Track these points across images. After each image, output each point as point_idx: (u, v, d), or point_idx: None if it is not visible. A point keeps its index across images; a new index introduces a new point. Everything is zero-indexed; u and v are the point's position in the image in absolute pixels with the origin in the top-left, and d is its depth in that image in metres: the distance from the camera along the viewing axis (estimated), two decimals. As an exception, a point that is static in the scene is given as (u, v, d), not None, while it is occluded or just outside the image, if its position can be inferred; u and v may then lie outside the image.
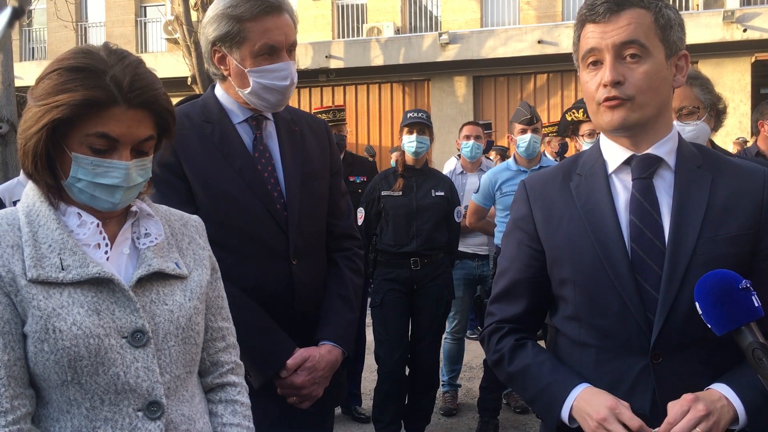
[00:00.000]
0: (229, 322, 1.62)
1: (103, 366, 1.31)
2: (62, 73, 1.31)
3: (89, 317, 1.31)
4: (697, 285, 1.39)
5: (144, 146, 1.38)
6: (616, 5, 1.49)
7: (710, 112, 2.56)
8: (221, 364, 1.58)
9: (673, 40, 1.52)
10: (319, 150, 2.23)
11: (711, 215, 1.49)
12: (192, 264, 1.52)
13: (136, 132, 1.35)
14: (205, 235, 1.62)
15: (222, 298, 1.61)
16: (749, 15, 13.66)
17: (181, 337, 1.42)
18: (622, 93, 1.49)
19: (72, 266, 1.32)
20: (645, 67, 1.48)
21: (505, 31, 14.99)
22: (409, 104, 16.02)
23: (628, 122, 1.50)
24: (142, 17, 17.95)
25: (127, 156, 1.35)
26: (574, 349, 1.62)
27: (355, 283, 2.26)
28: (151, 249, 1.43)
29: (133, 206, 1.45)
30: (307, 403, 2.09)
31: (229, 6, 1.98)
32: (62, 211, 1.39)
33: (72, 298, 1.31)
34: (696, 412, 1.38)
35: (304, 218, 2.11)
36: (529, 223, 1.66)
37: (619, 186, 1.58)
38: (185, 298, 1.45)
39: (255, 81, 2.02)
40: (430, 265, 4.34)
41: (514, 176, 4.63)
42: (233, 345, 1.62)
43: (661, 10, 1.51)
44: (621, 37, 1.48)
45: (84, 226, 1.38)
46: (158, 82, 1.40)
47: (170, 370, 1.40)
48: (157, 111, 1.38)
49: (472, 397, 5.30)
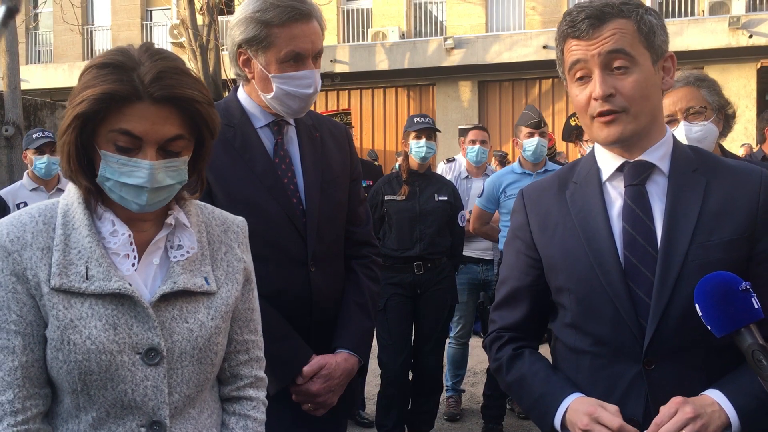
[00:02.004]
0: (256, 335, 1.59)
1: (112, 382, 1.31)
2: (92, 70, 1.31)
3: (105, 332, 1.31)
4: (696, 287, 1.38)
5: (172, 146, 1.33)
6: (598, 19, 1.48)
7: (718, 114, 2.55)
8: (241, 377, 1.56)
9: (658, 45, 1.52)
10: (339, 156, 2.23)
11: (704, 220, 1.49)
12: (223, 278, 1.48)
13: (161, 130, 1.30)
14: (246, 240, 1.58)
15: (252, 311, 1.57)
16: (755, 21, 13.65)
17: (197, 358, 1.40)
18: (616, 105, 1.48)
19: (96, 277, 1.31)
20: (634, 76, 1.48)
21: (510, 36, 15.00)
22: (414, 109, 16.03)
23: (624, 135, 1.50)
24: (148, 21, 18.01)
25: (153, 155, 1.31)
26: (570, 356, 1.62)
27: (372, 290, 2.25)
28: (180, 263, 1.41)
29: (170, 217, 1.42)
30: (322, 410, 2.08)
31: (258, 10, 1.97)
32: (98, 215, 1.37)
33: (92, 310, 1.31)
34: (683, 414, 1.38)
35: (323, 225, 2.10)
36: (525, 231, 1.67)
37: (613, 193, 1.58)
38: (208, 317, 1.42)
39: (278, 87, 2.01)
40: (434, 269, 4.34)
41: (519, 179, 4.61)
42: (257, 358, 1.59)
43: (642, 17, 1.49)
44: (606, 48, 1.47)
45: (116, 235, 1.36)
46: (191, 80, 1.35)
47: (180, 390, 1.39)
48: (186, 108, 1.32)
49: (476, 402, 5.29)
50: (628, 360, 1.50)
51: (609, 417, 1.43)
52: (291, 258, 2.06)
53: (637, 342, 1.49)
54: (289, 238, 2.06)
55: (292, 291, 2.06)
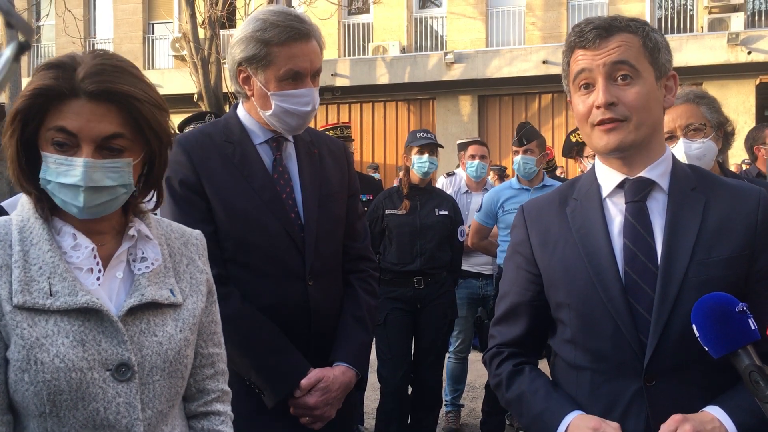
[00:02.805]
0: (220, 347, 1.56)
1: (83, 401, 1.26)
2: (38, 71, 1.28)
3: (73, 349, 1.25)
4: (694, 308, 1.39)
5: (112, 143, 1.28)
6: (605, 31, 1.51)
7: (717, 131, 2.56)
8: (208, 392, 1.52)
9: (662, 62, 1.55)
10: (337, 172, 2.26)
11: (703, 238, 1.50)
12: (188, 290, 1.45)
13: (97, 127, 1.25)
14: (206, 254, 1.56)
15: (216, 323, 1.54)
16: (754, 37, 13.71)
17: (168, 371, 1.36)
18: (618, 114, 1.50)
19: (61, 293, 1.26)
20: (637, 87, 1.50)
21: (510, 51, 15.06)
22: (414, 123, 16.07)
23: (624, 144, 1.52)
24: (149, 34, 18.08)
25: (89, 153, 1.26)
26: (570, 372, 1.63)
27: (370, 304, 2.27)
28: (145, 275, 1.37)
29: (132, 229, 1.39)
30: (320, 423, 2.09)
31: (258, 30, 2.01)
32: (57, 229, 1.33)
33: (58, 327, 1.26)
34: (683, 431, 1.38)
35: (321, 239, 2.13)
36: (526, 247, 1.68)
37: (613, 210, 1.59)
38: (176, 329, 1.39)
39: (277, 104, 2.05)
40: (434, 284, 4.34)
41: (517, 195, 4.66)
42: (222, 372, 1.56)
43: (648, 34, 1.53)
44: (612, 58, 1.50)
45: (78, 249, 1.32)
46: (134, 79, 1.31)
47: (153, 405, 1.34)
48: (125, 106, 1.27)
49: (475, 417, 5.27)
50: (629, 376, 1.51)
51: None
52: (289, 272, 2.08)
53: (637, 358, 1.49)
54: (287, 252, 2.08)
55: (290, 305, 2.08)
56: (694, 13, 15.09)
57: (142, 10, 17.80)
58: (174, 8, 17.23)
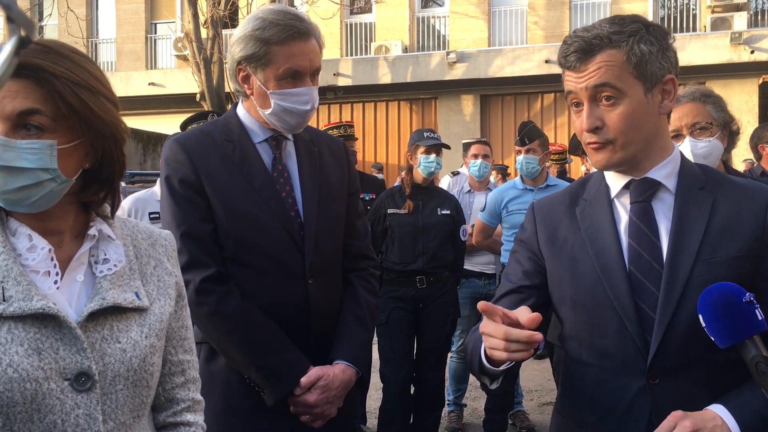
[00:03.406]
0: (191, 354, 1.47)
1: (39, 413, 1.18)
2: None
3: (28, 358, 1.17)
4: (700, 297, 1.39)
5: (29, 120, 1.18)
6: (584, 53, 1.50)
7: (723, 130, 2.56)
8: (177, 401, 1.44)
9: (652, 72, 1.50)
10: (337, 171, 2.26)
11: (709, 237, 1.49)
12: (155, 293, 1.37)
13: (12, 103, 1.17)
14: (176, 255, 1.48)
15: (186, 329, 1.46)
16: (757, 36, 13.70)
17: (132, 380, 1.28)
18: (602, 138, 1.51)
19: (14, 298, 1.18)
20: (621, 108, 1.49)
21: (513, 51, 15.07)
22: (417, 122, 16.08)
23: (611, 163, 1.54)
24: (152, 34, 18.11)
25: (3, 131, 1.17)
26: (576, 368, 1.63)
27: (370, 303, 2.27)
28: (108, 278, 1.29)
29: (92, 228, 1.31)
30: (320, 422, 2.09)
31: (258, 28, 2.01)
32: (12, 230, 1.25)
33: (11, 334, 1.17)
34: (682, 428, 1.37)
35: (321, 238, 2.13)
36: (533, 242, 1.69)
37: (621, 210, 1.60)
38: (141, 335, 1.30)
39: (276, 103, 2.05)
40: (436, 283, 4.34)
41: (521, 195, 4.64)
42: (193, 380, 1.48)
43: (632, 47, 1.48)
44: (592, 82, 1.49)
45: (34, 250, 1.24)
46: (62, 58, 1.21)
47: (115, 417, 1.26)
48: (42, 82, 1.18)
49: (477, 417, 5.27)
50: (633, 374, 1.51)
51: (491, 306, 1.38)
52: (289, 270, 2.08)
53: (641, 356, 1.49)
54: (286, 251, 2.08)
55: (290, 303, 2.08)
56: (697, 13, 15.09)
57: (144, 10, 17.83)
58: (176, 8, 17.26)
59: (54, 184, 1.22)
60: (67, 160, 1.23)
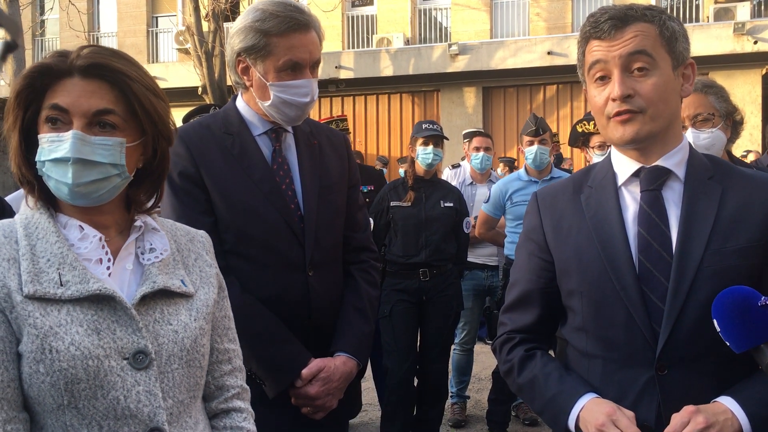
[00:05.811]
0: (235, 343, 1.54)
1: (102, 390, 1.23)
2: None
3: (88, 337, 1.23)
4: (714, 302, 1.38)
5: (104, 119, 1.28)
6: (620, 21, 1.49)
7: (726, 121, 2.55)
8: (227, 389, 1.49)
9: (680, 51, 1.52)
10: (337, 163, 2.26)
11: (719, 227, 1.48)
12: (198, 282, 1.44)
13: (88, 102, 1.27)
14: (213, 251, 1.55)
15: (229, 319, 1.53)
16: (760, 27, 13.63)
17: (186, 360, 1.34)
18: (634, 106, 1.48)
19: (71, 282, 1.25)
20: (654, 78, 1.48)
21: (515, 42, 15.01)
22: (419, 115, 16.04)
23: (640, 135, 1.50)
24: (153, 27, 18.07)
25: (80, 127, 1.27)
26: (581, 360, 1.62)
27: (371, 295, 2.27)
28: (155, 265, 1.36)
29: (138, 221, 1.39)
30: (321, 413, 2.09)
31: (257, 20, 2.01)
32: (62, 223, 1.32)
33: (71, 316, 1.24)
34: (696, 424, 1.37)
35: (321, 230, 2.13)
36: (539, 234, 1.68)
37: (628, 198, 1.58)
38: (191, 318, 1.37)
39: (276, 95, 2.04)
40: (439, 275, 4.34)
41: (525, 186, 4.64)
42: (239, 368, 1.54)
43: (665, 23, 1.51)
44: (628, 49, 1.48)
45: (86, 239, 1.31)
46: (127, 62, 1.33)
47: (173, 395, 1.32)
48: (117, 83, 1.29)
49: (480, 408, 5.27)
50: (641, 365, 1.50)
51: (626, 422, 1.42)
52: (289, 263, 2.08)
53: (650, 347, 1.48)
54: (287, 244, 2.08)
55: (290, 296, 2.08)
56: (700, 3, 15.01)
57: (145, 4, 17.78)
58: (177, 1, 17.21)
59: (119, 179, 1.32)
60: (130, 158, 1.33)
